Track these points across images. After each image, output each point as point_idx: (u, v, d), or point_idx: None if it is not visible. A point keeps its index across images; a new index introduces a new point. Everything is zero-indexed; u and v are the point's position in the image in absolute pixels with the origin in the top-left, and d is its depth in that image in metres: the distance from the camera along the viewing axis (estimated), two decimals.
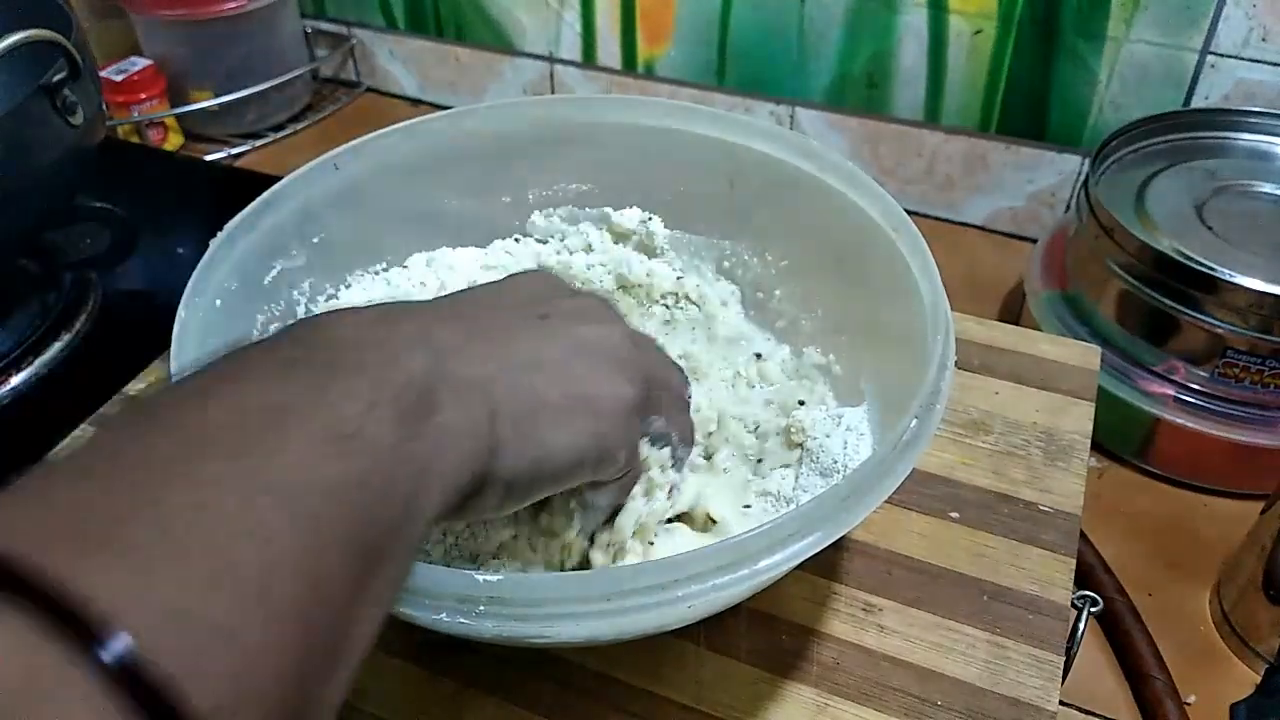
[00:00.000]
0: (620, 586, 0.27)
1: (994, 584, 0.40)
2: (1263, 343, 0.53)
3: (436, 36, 0.91)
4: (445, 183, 0.48)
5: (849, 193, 0.42)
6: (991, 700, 0.36)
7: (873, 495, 0.30)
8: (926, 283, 0.37)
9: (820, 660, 0.37)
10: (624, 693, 0.36)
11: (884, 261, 0.40)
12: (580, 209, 0.49)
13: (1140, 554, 0.55)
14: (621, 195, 0.49)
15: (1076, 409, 0.48)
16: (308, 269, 0.44)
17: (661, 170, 0.48)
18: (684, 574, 0.27)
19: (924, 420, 0.32)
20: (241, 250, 0.40)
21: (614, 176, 0.49)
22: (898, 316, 0.38)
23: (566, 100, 0.47)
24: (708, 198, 0.48)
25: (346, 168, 0.45)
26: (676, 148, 0.47)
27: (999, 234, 0.78)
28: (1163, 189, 0.60)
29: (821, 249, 0.45)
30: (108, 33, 0.91)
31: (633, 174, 0.48)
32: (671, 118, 0.47)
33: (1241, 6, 0.63)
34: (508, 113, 0.48)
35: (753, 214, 0.47)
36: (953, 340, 0.35)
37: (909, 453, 0.31)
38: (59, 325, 0.57)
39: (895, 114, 0.77)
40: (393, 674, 0.37)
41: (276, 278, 0.42)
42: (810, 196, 0.43)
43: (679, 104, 0.47)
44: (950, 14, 0.70)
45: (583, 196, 0.49)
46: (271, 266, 0.42)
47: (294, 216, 0.43)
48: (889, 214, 0.40)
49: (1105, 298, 0.59)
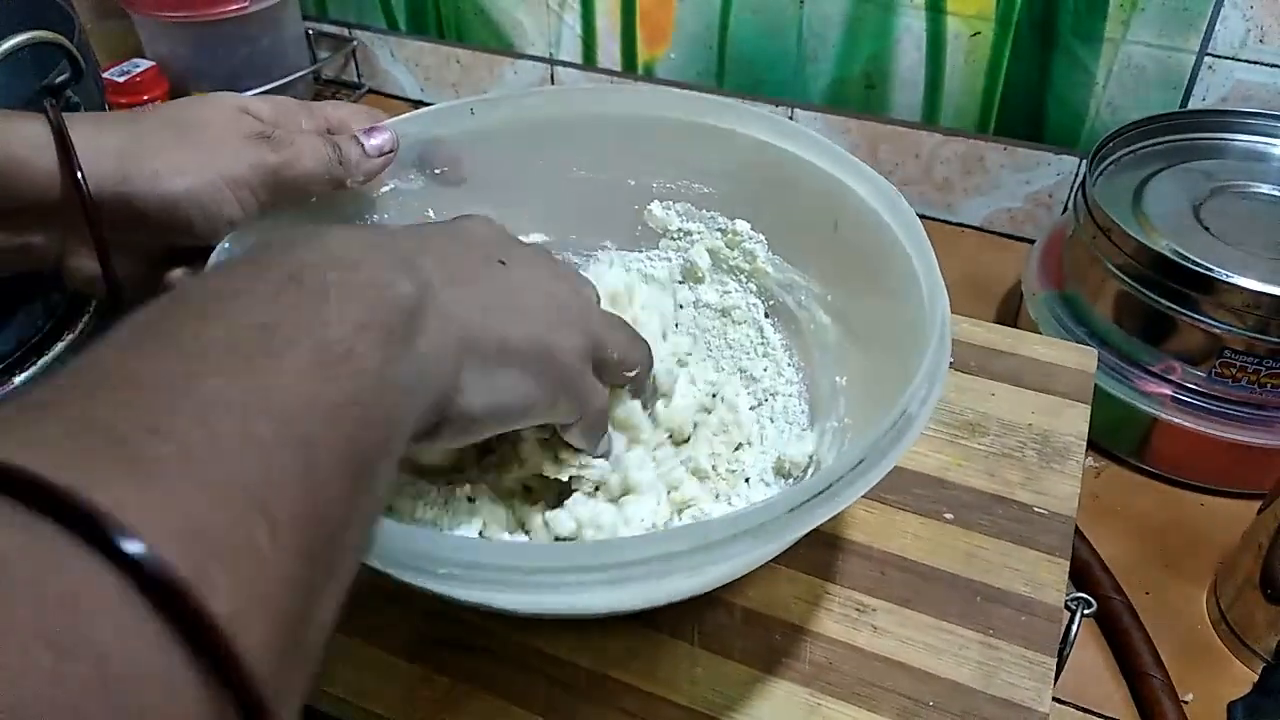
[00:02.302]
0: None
1: (988, 585, 0.40)
2: (1259, 343, 0.53)
3: (438, 38, 0.91)
4: (576, 150, 0.48)
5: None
6: (984, 701, 0.36)
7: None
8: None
9: (813, 660, 0.38)
10: (619, 691, 0.37)
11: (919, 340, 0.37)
12: (698, 209, 0.49)
13: (1138, 553, 0.55)
14: (734, 207, 0.48)
15: (1072, 411, 0.48)
16: (422, 194, 0.45)
17: (773, 192, 0.46)
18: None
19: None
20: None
21: (731, 186, 0.48)
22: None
23: (709, 101, 0.46)
24: (811, 233, 0.45)
25: (483, 115, 0.46)
26: (788, 169, 0.45)
27: (996, 235, 0.79)
28: (1160, 190, 0.60)
29: (887, 321, 0.41)
30: (110, 34, 0.91)
31: (746, 187, 0.47)
32: (795, 140, 0.45)
33: (1239, 8, 0.63)
34: (654, 99, 0.48)
35: (850, 261, 0.44)
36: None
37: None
38: (61, 325, 0.58)
39: (893, 115, 0.77)
40: (389, 671, 0.37)
41: (388, 194, 0.44)
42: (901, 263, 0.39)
43: (810, 133, 0.44)
44: (948, 16, 0.71)
45: (703, 199, 0.49)
46: (386, 184, 0.44)
47: (419, 145, 0.44)
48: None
49: (1103, 298, 0.59)
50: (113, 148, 0.35)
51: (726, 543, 0.27)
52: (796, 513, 0.28)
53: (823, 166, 0.43)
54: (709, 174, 0.48)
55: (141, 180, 0.35)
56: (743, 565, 0.35)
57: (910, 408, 0.32)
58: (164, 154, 0.36)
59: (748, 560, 0.34)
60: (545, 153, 0.48)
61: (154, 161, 0.36)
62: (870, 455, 0.30)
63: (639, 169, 0.48)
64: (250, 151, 0.37)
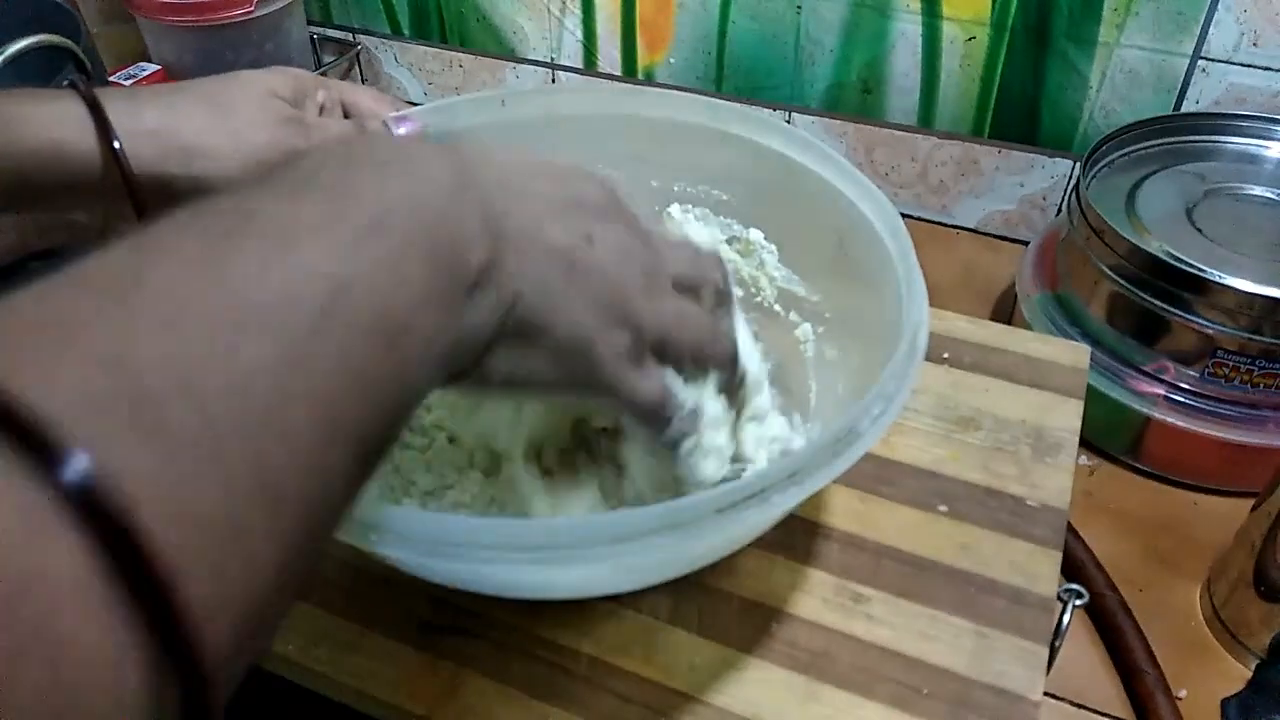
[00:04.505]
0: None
1: (981, 576, 0.41)
2: (1252, 343, 0.54)
3: (440, 43, 0.92)
4: (604, 147, 0.48)
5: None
6: (977, 689, 0.37)
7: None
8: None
9: (810, 648, 0.38)
10: (618, 677, 0.37)
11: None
12: (716, 215, 0.49)
13: (1132, 551, 0.56)
14: (749, 215, 0.48)
15: (1065, 406, 0.48)
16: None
17: (785, 204, 0.47)
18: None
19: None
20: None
21: (748, 194, 0.48)
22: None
23: (734, 110, 0.46)
24: (815, 248, 0.46)
25: (514, 107, 0.47)
26: (802, 182, 0.45)
27: (991, 236, 0.79)
28: (1153, 192, 0.61)
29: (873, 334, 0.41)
30: (116, 38, 0.92)
31: (762, 196, 0.48)
32: (808, 154, 0.44)
33: (1233, 11, 0.64)
34: (684, 103, 0.48)
35: (852, 280, 0.44)
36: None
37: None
38: None
39: (890, 119, 0.78)
40: (392, 657, 0.38)
41: None
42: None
43: (829, 151, 0.44)
44: (944, 21, 0.71)
45: (721, 205, 0.49)
46: None
47: (454, 132, 0.45)
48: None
49: (1096, 299, 0.60)
50: (149, 128, 0.36)
51: (648, 535, 0.28)
52: (726, 513, 0.29)
53: (836, 185, 0.43)
54: (729, 181, 0.48)
55: (176, 161, 0.37)
56: (667, 561, 0.35)
57: (860, 425, 0.31)
58: (199, 135, 0.37)
59: (669, 557, 0.34)
60: (572, 148, 0.48)
61: (189, 142, 0.37)
62: (805, 467, 0.30)
63: (663, 171, 0.49)
64: (281, 135, 0.38)
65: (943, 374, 0.50)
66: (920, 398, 0.49)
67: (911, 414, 0.48)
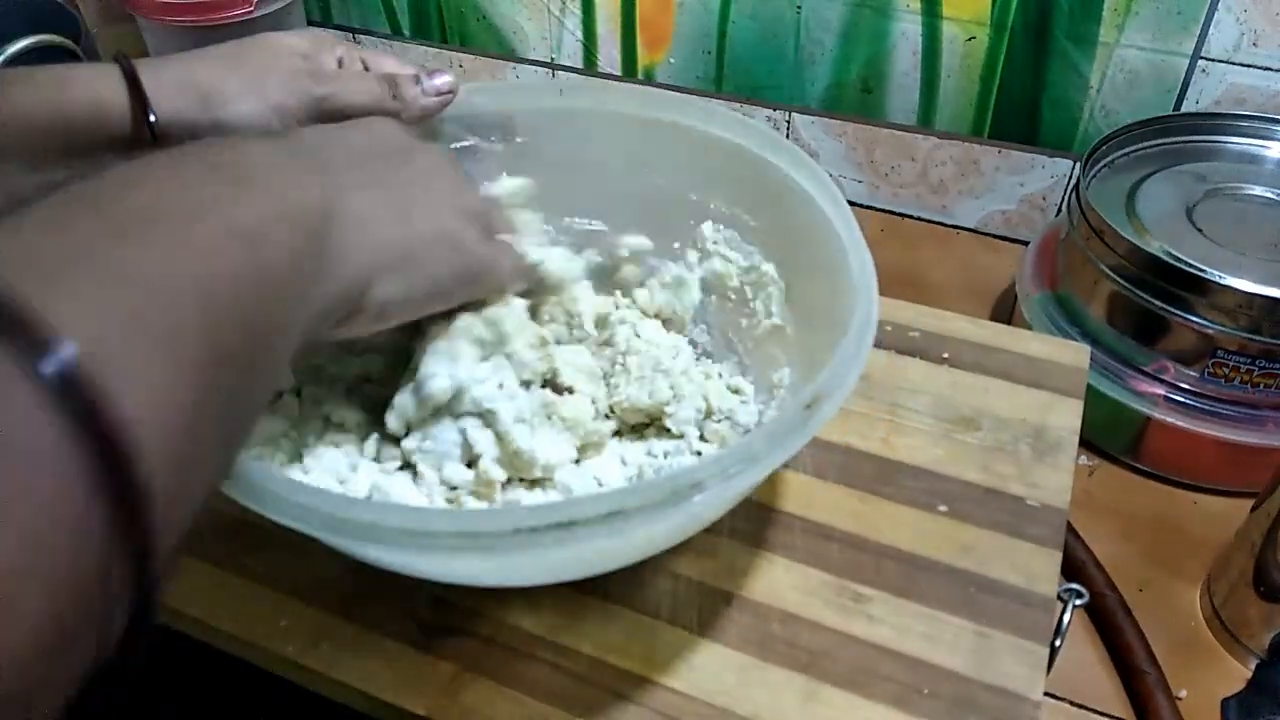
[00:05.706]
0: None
1: (981, 576, 0.41)
2: (1252, 343, 0.54)
3: (440, 43, 0.92)
4: (652, 151, 0.48)
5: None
6: (977, 689, 0.37)
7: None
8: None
9: (810, 648, 0.38)
10: (617, 677, 0.37)
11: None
12: (742, 240, 0.48)
13: (1132, 551, 0.56)
14: (769, 246, 0.47)
15: (1065, 406, 0.48)
16: (500, 157, 0.48)
17: (799, 244, 0.45)
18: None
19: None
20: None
21: (769, 225, 0.47)
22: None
23: (777, 140, 0.45)
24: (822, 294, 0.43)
25: (572, 96, 0.48)
26: (818, 228, 0.42)
27: (991, 236, 0.79)
28: (1153, 192, 0.61)
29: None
30: (116, 37, 0.92)
31: (779, 229, 0.46)
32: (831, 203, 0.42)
33: (1233, 11, 0.64)
34: (736, 125, 0.46)
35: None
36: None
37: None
38: None
39: (890, 119, 0.78)
40: (392, 657, 0.38)
41: (465, 149, 0.48)
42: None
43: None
44: (944, 21, 0.71)
45: (750, 232, 0.47)
46: (465, 140, 0.48)
47: (503, 115, 0.48)
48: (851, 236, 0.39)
49: (1096, 299, 0.60)
50: (170, 79, 0.40)
51: (540, 531, 0.28)
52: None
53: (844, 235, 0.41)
54: (758, 208, 0.46)
55: (196, 107, 0.40)
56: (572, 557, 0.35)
57: (755, 445, 0.31)
58: (215, 82, 0.40)
59: (574, 554, 0.34)
60: (622, 147, 0.48)
61: (206, 89, 0.40)
62: (707, 474, 0.30)
63: (703, 185, 0.48)
64: (296, 84, 0.41)
65: (942, 374, 0.50)
66: (920, 398, 0.49)
67: (912, 414, 0.48)
